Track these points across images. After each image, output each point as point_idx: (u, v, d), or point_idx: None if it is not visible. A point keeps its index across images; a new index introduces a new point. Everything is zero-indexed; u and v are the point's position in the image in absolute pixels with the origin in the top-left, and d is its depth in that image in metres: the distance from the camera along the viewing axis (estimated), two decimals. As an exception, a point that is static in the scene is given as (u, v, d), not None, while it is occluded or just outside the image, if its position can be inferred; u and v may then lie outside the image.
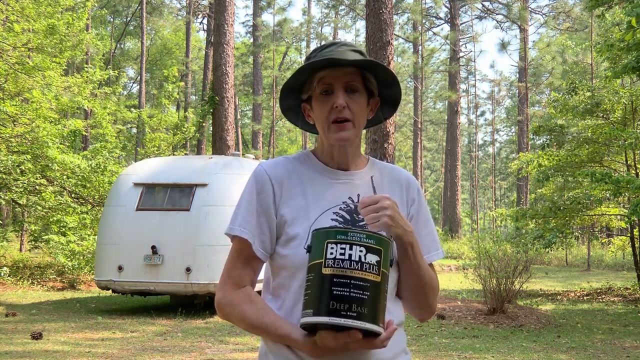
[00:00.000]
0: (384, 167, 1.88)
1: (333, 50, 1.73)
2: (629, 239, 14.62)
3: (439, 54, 39.06)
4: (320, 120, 1.74)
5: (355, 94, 1.72)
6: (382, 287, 1.54)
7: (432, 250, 1.83)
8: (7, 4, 14.76)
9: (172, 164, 11.19)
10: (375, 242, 1.54)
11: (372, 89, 1.78)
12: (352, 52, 1.73)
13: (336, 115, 1.71)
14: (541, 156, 14.28)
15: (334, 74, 1.70)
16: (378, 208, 1.60)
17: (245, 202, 1.76)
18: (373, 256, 1.53)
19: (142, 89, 29.84)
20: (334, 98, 1.71)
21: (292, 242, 1.70)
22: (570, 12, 31.75)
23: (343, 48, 1.74)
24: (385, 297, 1.56)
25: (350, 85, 1.72)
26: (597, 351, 7.63)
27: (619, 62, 12.54)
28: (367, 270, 1.51)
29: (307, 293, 1.54)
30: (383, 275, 1.54)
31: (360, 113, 1.74)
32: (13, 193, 14.45)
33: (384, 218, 1.59)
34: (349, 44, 1.77)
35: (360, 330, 1.50)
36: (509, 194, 51.22)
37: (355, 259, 1.51)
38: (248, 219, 1.73)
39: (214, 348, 7.50)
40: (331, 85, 1.71)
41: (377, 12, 10.51)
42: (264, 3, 31.69)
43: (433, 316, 1.85)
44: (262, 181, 1.76)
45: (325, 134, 1.74)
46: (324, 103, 1.72)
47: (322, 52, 1.74)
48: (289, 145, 44.95)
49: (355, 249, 1.52)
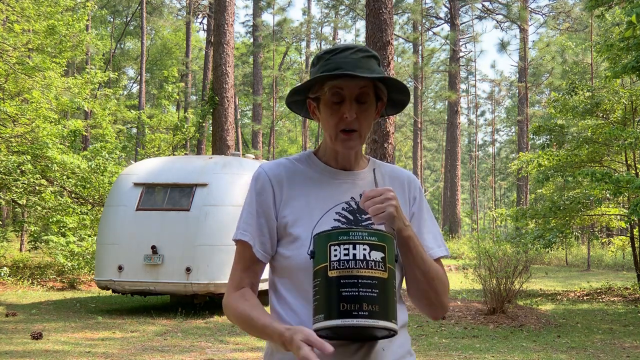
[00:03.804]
0: (384, 166, 1.88)
1: (348, 57, 1.68)
2: (629, 239, 14.62)
3: (439, 54, 39.07)
4: (328, 127, 1.74)
5: (365, 105, 1.71)
6: (390, 283, 1.53)
7: (435, 247, 1.82)
8: (7, 4, 14.76)
9: (172, 164, 11.19)
10: (378, 239, 1.53)
11: (381, 95, 1.77)
12: (367, 59, 1.70)
13: (345, 126, 1.70)
14: (541, 156, 14.28)
15: (347, 84, 1.69)
16: (382, 199, 1.60)
17: (246, 205, 1.77)
18: (377, 253, 1.52)
19: (142, 89, 29.83)
20: (345, 108, 1.69)
21: (295, 243, 1.70)
22: (570, 12, 31.76)
23: (358, 55, 1.70)
24: (394, 293, 1.55)
25: (361, 96, 1.71)
26: (597, 351, 7.63)
27: (619, 62, 12.54)
28: (373, 268, 1.50)
29: (317, 298, 1.53)
30: (390, 271, 1.54)
31: (368, 123, 1.73)
32: (13, 193, 14.45)
33: (389, 208, 1.59)
34: (364, 49, 1.72)
35: (375, 328, 1.49)
36: (509, 194, 51.22)
37: (360, 258, 1.51)
38: (249, 222, 1.74)
39: (214, 348, 7.50)
40: (342, 95, 1.70)
41: (377, 12, 10.51)
42: (264, 3, 31.69)
43: (446, 312, 1.84)
44: (262, 182, 1.76)
45: (332, 140, 1.74)
46: (334, 112, 1.71)
47: (336, 57, 1.70)
48: (289, 145, 44.93)
49: (358, 247, 1.51)
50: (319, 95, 1.73)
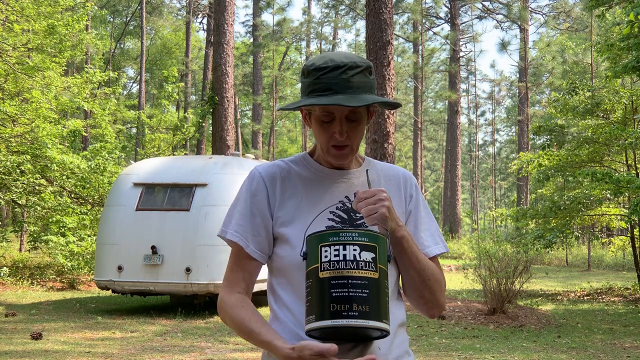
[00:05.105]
0: (379, 165, 1.88)
1: (338, 78, 1.64)
2: (629, 239, 14.61)
3: (439, 53, 39.07)
4: (319, 141, 1.74)
5: (356, 122, 1.71)
6: (381, 284, 1.53)
7: (431, 245, 1.81)
8: (6, 4, 14.75)
9: (171, 164, 11.18)
10: (369, 239, 1.54)
11: (372, 108, 1.77)
12: (359, 76, 1.66)
13: (336, 142, 1.71)
14: (541, 156, 14.27)
15: (337, 107, 1.67)
16: (375, 200, 1.60)
17: (239, 205, 1.78)
18: (368, 253, 1.52)
19: (142, 89, 29.83)
20: (335, 128, 1.69)
21: (289, 243, 1.70)
22: (570, 12, 31.77)
23: (348, 74, 1.64)
24: (386, 294, 1.55)
25: (352, 114, 1.69)
26: (597, 351, 7.62)
27: (619, 62, 12.54)
28: (363, 268, 1.50)
29: (308, 299, 1.54)
30: (381, 272, 1.53)
31: (359, 136, 1.73)
32: (13, 193, 14.44)
33: (381, 209, 1.60)
34: (354, 65, 1.66)
35: (366, 328, 1.49)
36: (509, 194, 51.21)
37: (350, 259, 1.51)
38: (241, 222, 1.75)
39: (214, 348, 7.49)
40: (333, 114, 1.69)
41: (377, 12, 10.50)
42: (264, 3, 31.66)
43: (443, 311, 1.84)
44: (257, 183, 1.77)
45: (323, 152, 1.75)
46: (324, 130, 1.70)
47: (325, 77, 1.65)
48: (289, 145, 44.93)
49: (348, 248, 1.52)
50: (310, 110, 1.73)
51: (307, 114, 1.75)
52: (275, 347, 1.59)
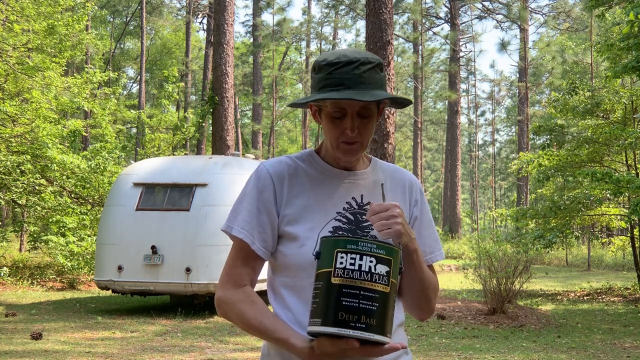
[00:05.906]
0: (386, 167, 1.87)
1: (350, 73, 1.64)
2: (629, 239, 14.61)
3: (439, 53, 39.07)
4: (329, 137, 1.73)
5: (367, 118, 1.70)
6: (391, 298, 1.53)
7: (435, 251, 1.84)
8: (6, 4, 14.75)
9: (171, 164, 11.18)
10: (386, 253, 1.52)
11: (382, 106, 1.76)
12: (370, 72, 1.66)
13: (346, 139, 1.70)
14: (541, 156, 14.27)
15: (349, 102, 1.67)
16: (389, 216, 1.60)
17: (246, 201, 1.75)
18: (383, 267, 1.51)
19: (142, 89, 29.83)
20: (346, 124, 1.68)
21: (295, 242, 1.70)
22: (570, 12, 31.77)
23: (361, 69, 1.65)
24: (393, 307, 1.55)
25: (363, 110, 1.69)
26: (597, 351, 7.62)
27: (619, 61, 12.54)
28: (377, 281, 1.50)
29: (315, 301, 1.53)
30: (392, 286, 1.53)
31: (370, 133, 1.73)
32: (13, 193, 14.44)
33: (396, 226, 1.59)
34: (366, 61, 1.66)
35: (369, 341, 1.49)
36: (509, 194, 51.20)
37: (365, 270, 1.50)
38: (247, 219, 1.72)
39: (214, 348, 7.49)
40: (344, 110, 1.68)
41: (377, 12, 10.50)
42: (264, 3, 31.66)
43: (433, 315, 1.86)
44: (264, 180, 1.75)
45: (333, 148, 1.74)
46: (335, 126, 1.70)
47: (338, 72, 1.65)
48: (289, 145, 44.94)
49: (365, 259, 1.50)
50: (321, 106, 1.72)
51: (317, 111, 1.74)
52: (292, 345, 1.59)
